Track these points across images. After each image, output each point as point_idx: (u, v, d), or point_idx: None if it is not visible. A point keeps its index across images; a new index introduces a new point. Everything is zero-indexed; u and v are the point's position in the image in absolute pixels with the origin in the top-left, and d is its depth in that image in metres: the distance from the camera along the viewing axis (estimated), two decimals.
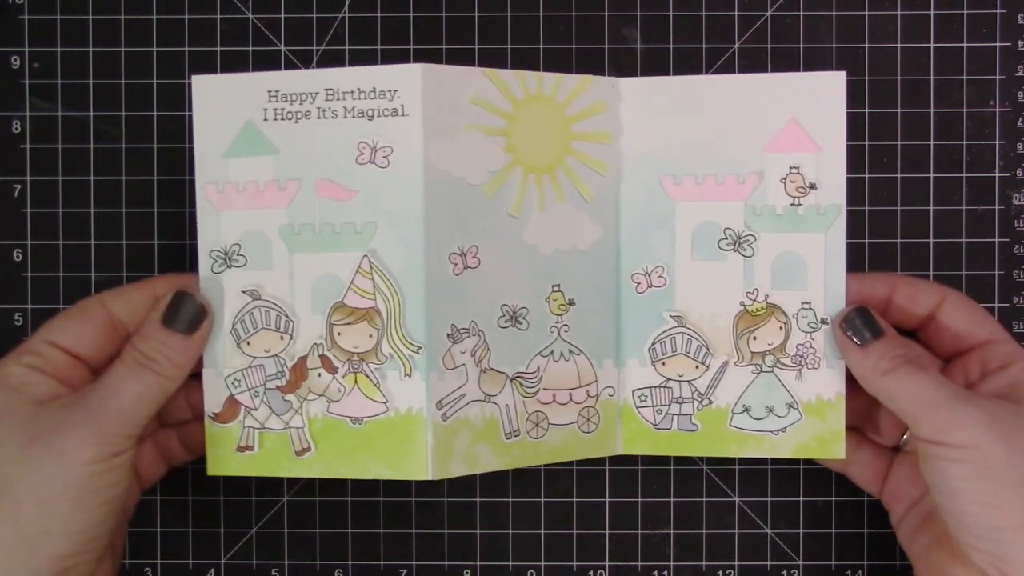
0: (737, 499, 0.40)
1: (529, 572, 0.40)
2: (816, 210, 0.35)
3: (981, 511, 0.30)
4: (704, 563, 0.40)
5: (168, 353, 0.32)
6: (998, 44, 0.40)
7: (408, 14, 0.40)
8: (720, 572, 0.40)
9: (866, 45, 0.40)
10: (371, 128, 0.33)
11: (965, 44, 0.40)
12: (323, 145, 0.34)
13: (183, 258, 0.40)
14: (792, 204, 0.35)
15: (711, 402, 0.36)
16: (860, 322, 0.33)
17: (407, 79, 0.33)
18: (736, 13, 0.40)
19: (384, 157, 0.33)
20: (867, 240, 0.40)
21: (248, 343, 0.34)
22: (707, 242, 0.36)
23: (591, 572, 0.40)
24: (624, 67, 0.40)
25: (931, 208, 0.40)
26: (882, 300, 0.35)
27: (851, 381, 0.34)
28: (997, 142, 0.40)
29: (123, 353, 0.32)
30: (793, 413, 0.35)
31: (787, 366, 0.35)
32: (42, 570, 0.29)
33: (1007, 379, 0.33)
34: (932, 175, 0.40)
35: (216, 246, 0.34)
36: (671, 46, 0.40)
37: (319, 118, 0.34)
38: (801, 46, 0.40)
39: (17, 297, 0.40)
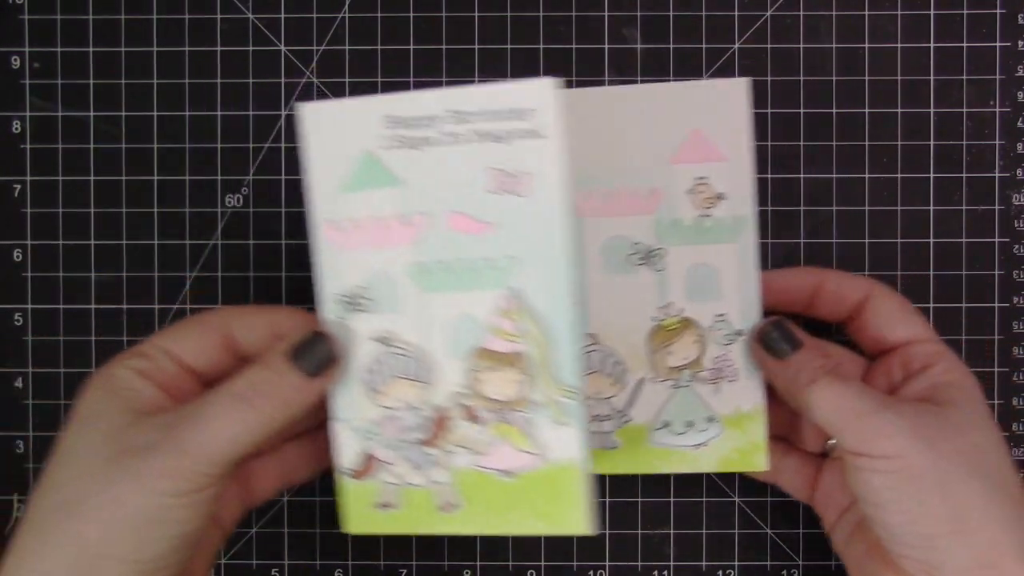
0: (737, 499, 0.40)
1: (529, 572, 0.40)
2: (726, 220, 0.34)
3: (909, 520, 0.29)
4: (704, 563, 0.40)
5: (283, 390, 0.29)
6: (998, 44, 0.40)
7: (408, 14, 0.40)
8: (720, 572, 0.40)
9: (866, 45, 0.40)
10: (504, 153, 0.29)
11: (965, 44, 0.40)
12: (452, 173, 0.30)
13: (183, 258, 0.40)
14: (701, 215, 0.34)
15: (630, 419, 0.35)
16: (777, 335, 0.33)
17: (541, 96, 0.29)
18: (736, 13, 0.40)
19: (523, 184, 0.29)
20: (867, 240, 0.40)
21: (382, 394, 0.31)
22: (617, 257, 0.34)
23: (591, 572, 0.40)
24: (624, 67, 0.40)
25: (931, 208, 0.40)
26: (808, 293, 0.34)
27: (774, 390, 0.34)
28: (997, 142, 0.40)
29: (230, 380, 0.29)
30: (713, 427, 0.35)
31: (705, 379, 0.34)
32: None
33: (928, 380, 0.32)
34: (932, 175, 0.40)
35: (340, 289, 0.31)
36: (671, 46, 0.40)
37: (444, 144, 0.30)
38: (801, 46, 0.40)
39: (17, 297, 0.40)
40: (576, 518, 0.30)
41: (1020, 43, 0.40)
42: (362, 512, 0.32)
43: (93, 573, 0.27)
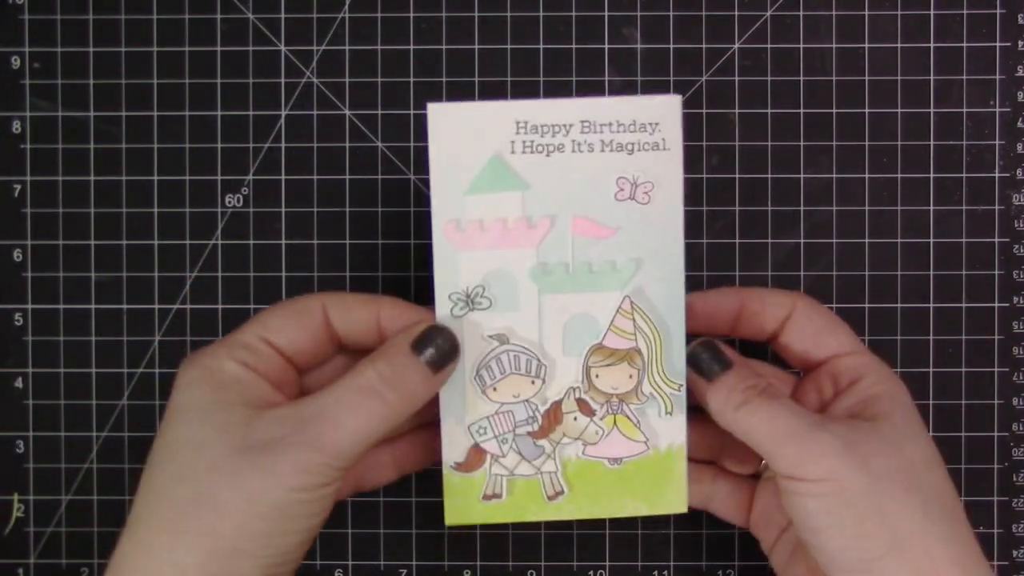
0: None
1: (529, 572, 0.40)
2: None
3: (846, 544, 0.28)
4: (704, 563, 0.40)
5: (410, 383, 0.29)
6: (998, 44, 0.40)
7: (408, 14, 0.40)
8: (720, 572, 0.40)
9: (866, 45, 0.40)
10: (631, 162, 0.31)
11: (965, 44, 0.40)
12: (578, 180, 0.31)
13: (183, 258, 0.40)
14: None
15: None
16: (706, 356, 0.32)
17: (668, 111, 0.31)
18: (736, 13, 0.40)
19: (645, 193, 0.31)
20: (867, 240, 0.40)
21: (495, 389, 0.32)
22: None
23: (591, 572, 0.40)
24: (624, 67, 0.40)
25: (931, 208, 0.40)
26: (731, 315, 0.33)
27: (703, 412, 0.33)
28: (997, 142, 0.40)
29: (357, 372, 0.29)
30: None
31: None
32: None
33: (858, 395, 0.31)
34: (932, 175, 0.40)
35: (456, 288, 0.32)
36: (671, 46, 0.40)
37: (573, 151, 0.31)
38: (801, 46, 0.40)
39: (17, 297, 0.40)
40: (677, 498, 0.33)
41: (1020, 43, 0.40)
42: (466, 505, 0.33)
43: (227, 567, 0.27)
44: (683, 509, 0.33)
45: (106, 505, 0.40)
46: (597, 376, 0.32)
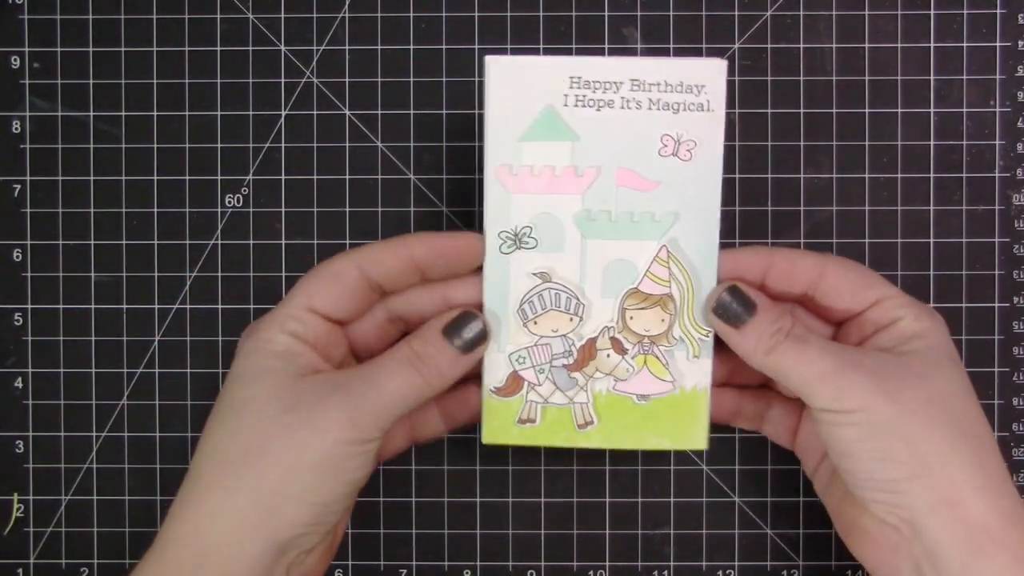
0: (737, 499, 0.40)
1: (529, 572, 0.40)
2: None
3: (876, 467, 0.30)
4: (704, 563, 0.40)
5: (440, 363, 0.32)
6: (998, 44, 0.40)
7: (408, 14, 0.40)
8: (720, 572, 0.40)
9: (866, 45, 0.40)
10: (676, 121, 0.33)
11: (965, 44, 0.40)
12: (625, 135, 0.33)
13: (183, 258, 0.40)
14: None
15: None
16: (732, 303, 0.33)
17: (714, 74, 0.33)
18: (736, 13, 0.40)
19: (687, 151, 0.33)
20: (867, 240, 0.40)
21: (535, 323, 0.34)
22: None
23: (591, 572, 0.40)
24: None
25: (931, 208, 0.40)
26: (758, 274, 0.34)
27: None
28: (997, 142, 0.40)
29: (396, 348, 0.32)
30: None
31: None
32: (280, 531, 0.30)
33: (893, 334, 0.33)
34: (932, 175, 0.40)
35: (506, 227, 0.34)
36: (671, 46, 0.40)
37: (622, 108, 0.33)
38: (801, 46, 0.40)
39: (17, 297, 0.40)
40: (698, 436, 0.35)
41: (1020, 43, 0.40)
42: (502, 426, 0.35)
43: (275, 511, 0.30)
44: (703, 446, 0.34)
45: (106, 505, 0.40)
46: (631, 318, 0.34)
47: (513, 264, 0.34)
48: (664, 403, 0.35)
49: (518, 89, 0.33)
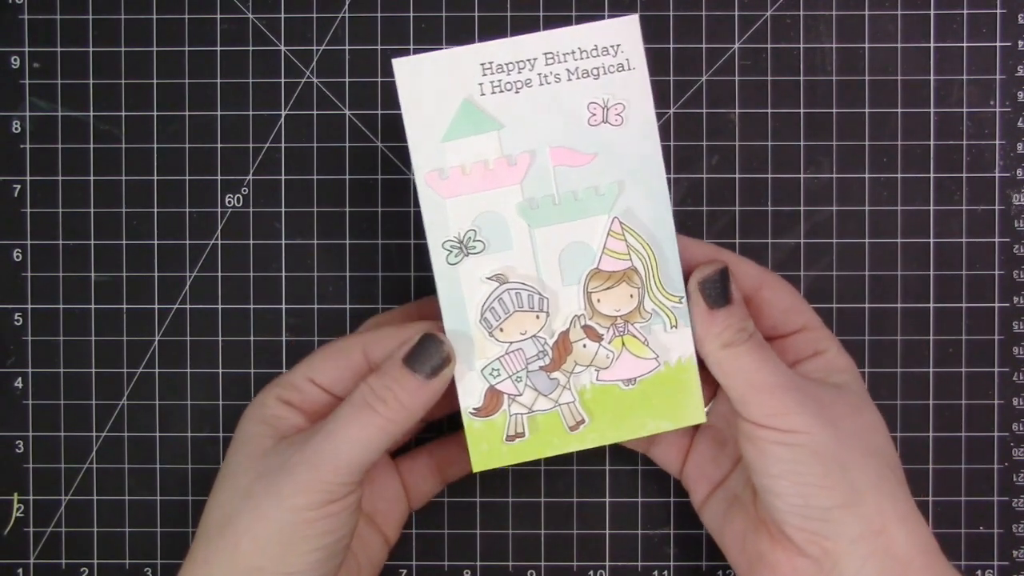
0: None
1: (529, 572, 0.40)
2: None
3: (809, 492, 0.30)
4: (704, 563, 0.40)
5: (401, 394, 0.30)
6: (998, 44, 0.40)
7: (408, 14, 0.40)
8: (720, 572, 0.40)
9: (866, 45, 0.40)
10: (599, 87, 0.32)
11: (965, 44, 0.40)
12: (551, 112, 0.32)
13: (183, 258, 0.40)
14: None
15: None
16: (717, 285, 0.32)
17: (627, 30, 0.32)
18: (736, 13, 0.40)
19: (618, 115, 0.32)
20: (867, 240, 0.40)
21: (501, 330, 0.32)
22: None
23: (591, 572, 0.40)
24: None
25: (931, 208, 0.40)
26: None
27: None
28: (997, 142, 0.40)
29: (353, 391, 0.31)
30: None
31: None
32: None
33: (822, 363, 0.33)
34: (932, 175, 0.40)
35: (448, 236, 0.32)
36: (671, 46, 0.40)
37: (542, 84, 0.32)
38: (801, 46, 0.40)
39: (17, 297, 0.40)
40: (693, 409, 0.33)
41: (1020, 43, 0.40)
42: (491, 449, 0.33)
43: None
44: (703, 419, 0.33)
45: (106, 505, 0.40)
46: (599, 301, 0.33)
47: (464, 273, 0.32)
48: (653, 383, 0.33)
49: (431, 88, 0.32)
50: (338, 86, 0.40)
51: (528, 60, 0.32)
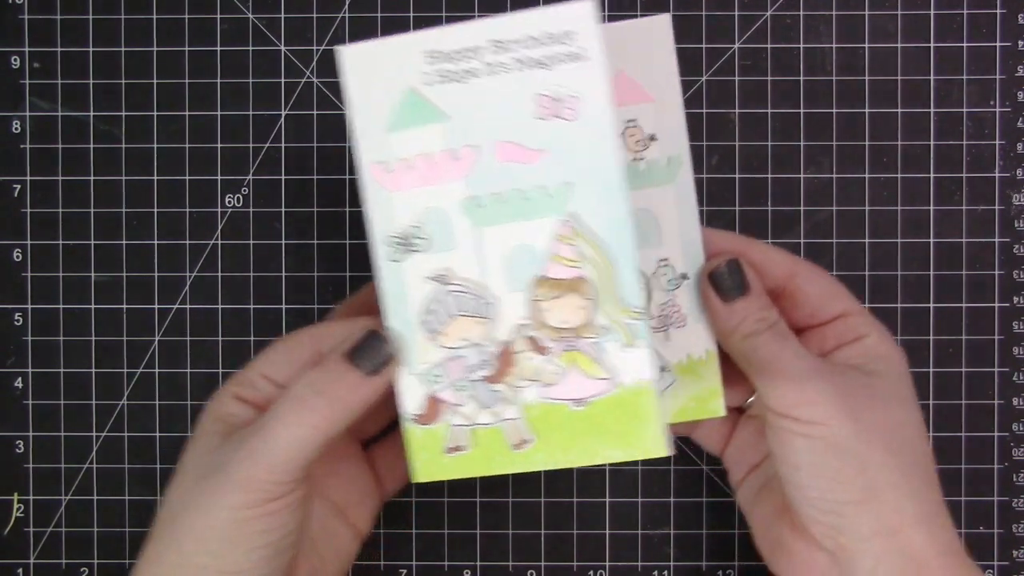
0: (737, 499, 0.40)
1: (529, 572, 0.40)
2: (659, 162, 0.33)
3: (825, 485, 0.30)
4: (704, 563, 0.40)
5: (340, 390, 0.29)
6: (998, 44, 0.40)
7: (408, 14, 0.40)
8: (720, 572, 0.40)
9: (866, 45, 0.40)
10: (550, 78, 0.29)
11: (965, 44, 0.40)
12: (498, 103, 0.30)
13: (183, 258, 0.40)
14: (634, 159, 0.33)
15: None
16: (729, 276, 0.32)
17: (581, 17, 0.29)
18: (736, 13, 0.40)
19: (570, 109, 0.29)
20: (867, 240, 0.40)
21: (443, 334, 0.30)
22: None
23: (591, 572, 0.40)
24: None
25: (931, 208, 0.40)
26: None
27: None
28: (997, 142, 0.40)
29: (292, 385, 0.30)
30: (666, 377, 0.33)
31: (653, 328, 0.33)
32: None
33: (859, 350, 0.32)
34: (932, 175, 0.40)
35: (392, 231, 0.30)
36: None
37: (489, 74, 0.29)
38: (801, 46, 0.40)
39: (17, 297, 0.40)
40: (651, 440, 0.30)
41: (1020, 43, 0.40)
42: (431, 459, 0.31)
43: None
44: (662, 452, 0.30)
45: (106, 505, 0.40)
46: (546, 310, 0.30)
47: (407, 271, 0.30)
48: (605, 406, 0.30)
49: (377, 77, 0.30)
50: (338, 86, 0.40)
51: (475, 48, 0.29)
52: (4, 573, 0.40)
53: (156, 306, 0.40)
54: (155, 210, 0.40)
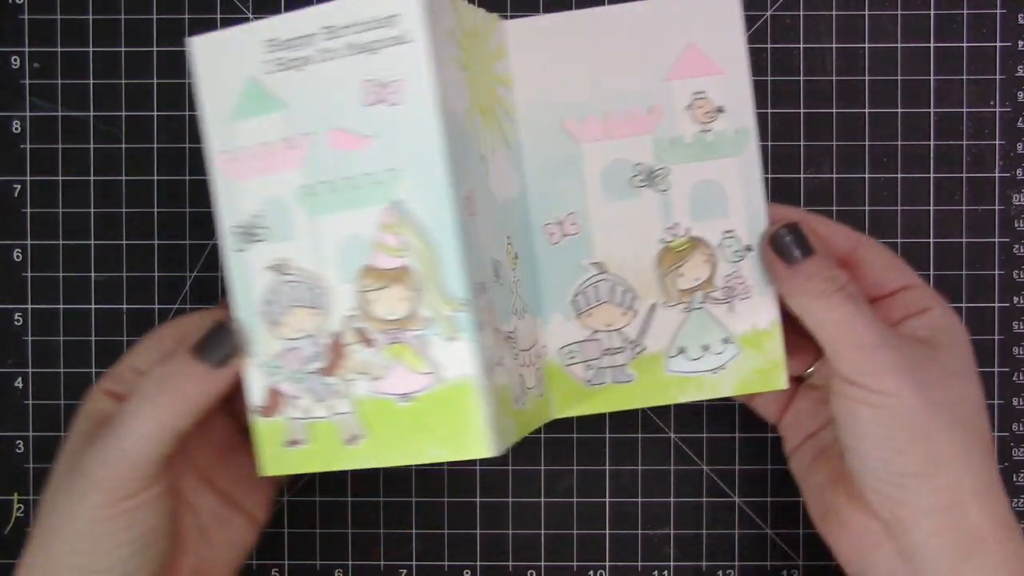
0: (737, 499, 0.40)
1: (529, 572, 0.40)
2: (727, 134, 0.33)
3: (887, 456, 0.30)
4: (704, 563, 0.40)
5: (185, 385, 0.29)
6: (998, 44, 0.40)
7: None
8: (720, 572, 0.40)
9: (866, 45, 0.40)
10: (376, 62, 0.29)
11: (965, 44, 0.40)
12: (329, 90, 0.29)
13: (183, 258, 0.40)
14: (701, 131, 0.33)
15: (644, 348, 0.34)
16: (790, 239, 0.32)
17: (405, 1, 0.28)
18: None
19: (395, 93, 0.29)
20: None
21: (282, 325, 0.30)
22: (619, 181, 0.33)
23: (591, 572, 0.40)
24: None
25: (931, 208, 0.40)
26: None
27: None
28: (997, 142, 0.40)
29: (140, 382, 0.30)
30: (730, 348, 0.34)
31: (717, 300, 0.33)
32: None
33: (928, 321, 0.32)
34: (932, 175, 0.40)
35: (237, 221, 0.30)
36: None
37: (322, 61, 0.29)
38: (801, 46, 0.40)
39: (17, 297, 0.40)
40: (476, 440, 0.29)
41: (1020, 43, 0.40)
42: (276, 453, 0.31)
43: None
44: (487, 452, 0.29)
45: None
46: (372, 301, 0.30)
47: (251, 261, 0.30)
48: (429, 401, 0.29)
49: (223, 66, 0.30)
50: None
51: (309, 36, 0.29)
52: (4, 573, 0.40)
53: (156, 306, 0.40)
54: (155, 210, 0.40)
